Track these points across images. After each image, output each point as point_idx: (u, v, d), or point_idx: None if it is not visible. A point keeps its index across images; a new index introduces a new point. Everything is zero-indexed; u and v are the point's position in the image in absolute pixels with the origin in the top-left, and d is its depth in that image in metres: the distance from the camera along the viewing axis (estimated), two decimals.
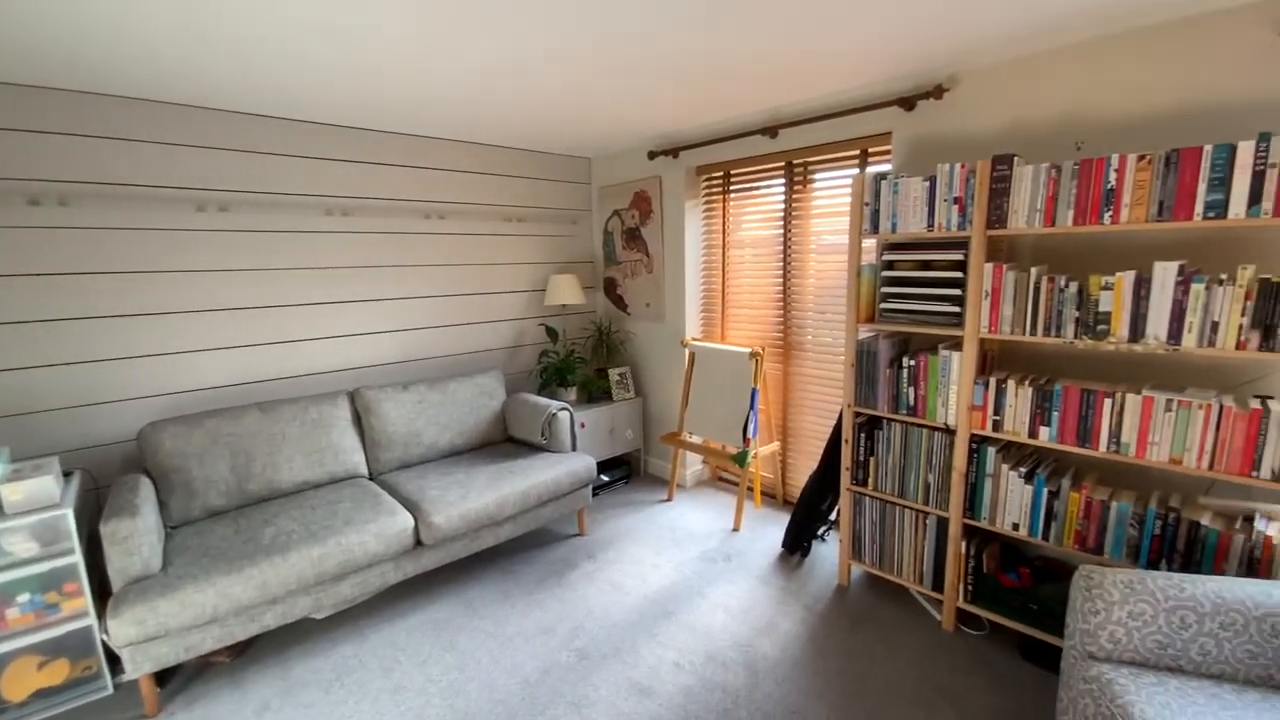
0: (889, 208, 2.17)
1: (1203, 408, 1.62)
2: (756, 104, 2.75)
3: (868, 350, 2.30)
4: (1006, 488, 2.02)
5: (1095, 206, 1.72)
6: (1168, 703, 1.33)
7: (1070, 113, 2.05)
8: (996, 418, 2.00)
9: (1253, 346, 1.53)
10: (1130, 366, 2.01)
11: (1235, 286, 1.53)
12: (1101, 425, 1.79)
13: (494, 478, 2.68)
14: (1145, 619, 1.46)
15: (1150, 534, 1.75)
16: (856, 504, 2.47)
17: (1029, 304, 1.88)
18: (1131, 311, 1.70)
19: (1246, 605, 1.42)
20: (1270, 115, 1.70)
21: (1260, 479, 1.56)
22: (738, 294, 3.43)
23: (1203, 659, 1.44)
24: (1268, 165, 1.47)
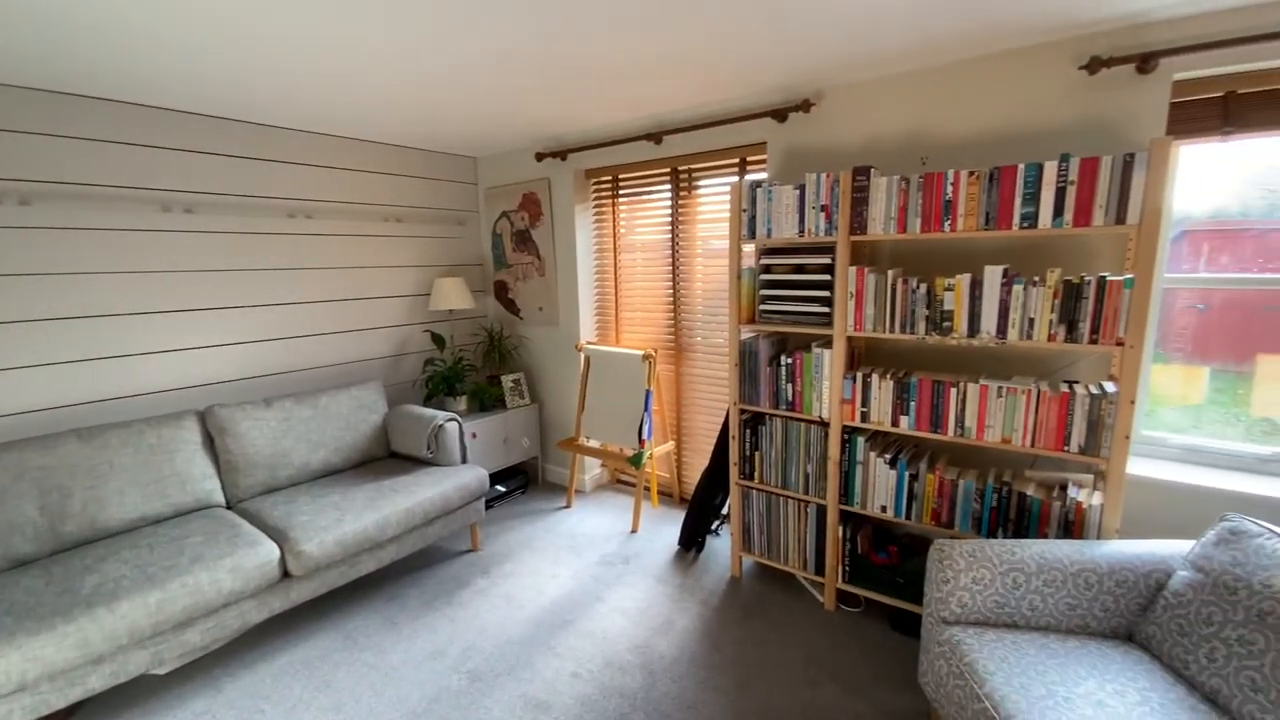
0: (764, 214, 2.28)
1: (1025, 393, 1.85)
2: (640, 110, 2.78)
3: (749, 350, 2.41)
4: (875, 473, 2.19)
5: (937, 216, 1.92)
6: (1005, 656, 1.50)
7: (917, 131, 2.27)
8: (864, 409, 2.17)
9: (1060, 339, 1.77)
10: (970, 358, 2.26)
11: (1045, 287, 1.77)
12: (949, 412, 1.99)
13: (374, 497, 2.50)
14: (985, 583, 1.64)
15: (989, 507, 1.97)
16: (745, 497, 2.57)
17: (888, 304, 2.06)
18: (969, 310, 1.90)
19: (1064, 563, 1.64)
20: (1071, 139, 1.99)
21: (1070, 453, 1.81)
22: (631, 297, 3.46)
23: (1032, 613, 1.64)
24: (1068, 182, 1.71)
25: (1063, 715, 1.30)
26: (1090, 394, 1.76)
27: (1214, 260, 2.02)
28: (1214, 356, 2.09)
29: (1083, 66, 1.89)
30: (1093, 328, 1.72)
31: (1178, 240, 2.05)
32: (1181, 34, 1.78)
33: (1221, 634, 1.39)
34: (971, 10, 1.72)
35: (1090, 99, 1.93)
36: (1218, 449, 2.03)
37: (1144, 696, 1.37)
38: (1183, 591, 1.51)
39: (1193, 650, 1.43)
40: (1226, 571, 1.45)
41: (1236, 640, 1.36)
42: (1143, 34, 1.83)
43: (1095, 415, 1.76)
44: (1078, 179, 1.69)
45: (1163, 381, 2.16)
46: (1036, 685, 1.40)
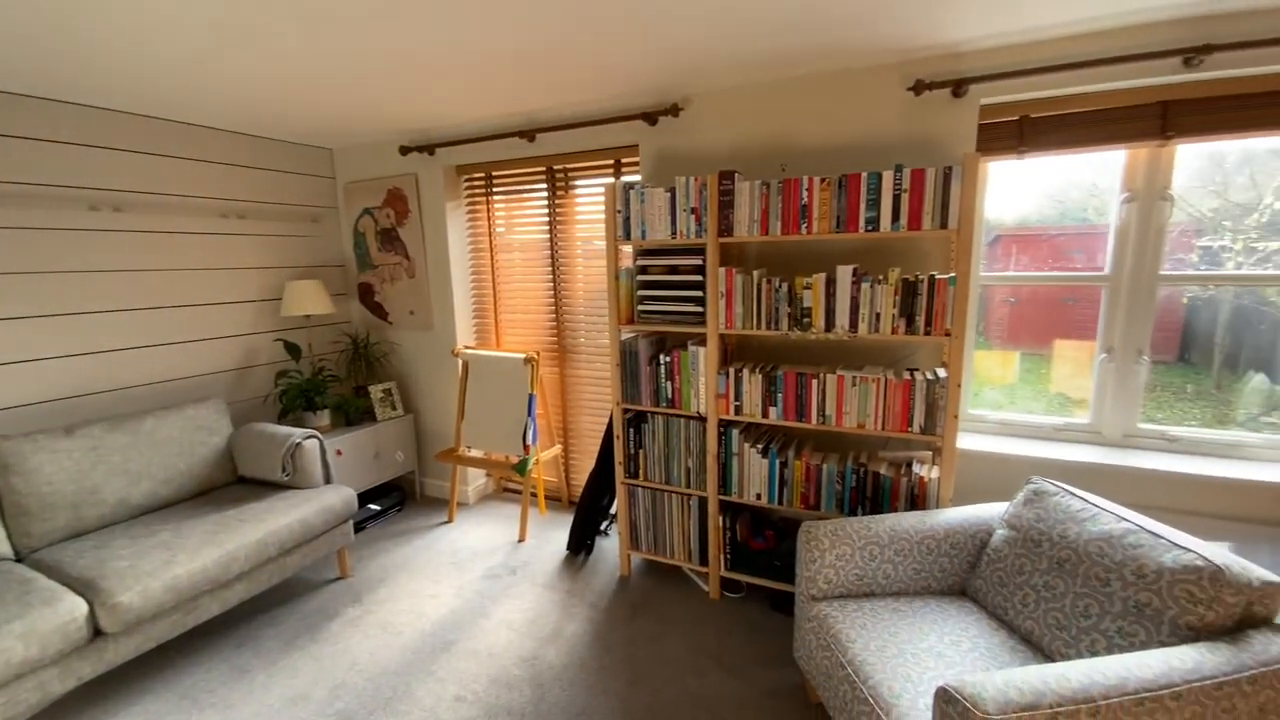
0: (638, 216, 2.31)
1: (875, 382, 2.04)
2: (510, 107, 2.70)
3: (630, 350, 2.43)
4: (749, 463, 2.30)
5: (795, 219, 2.05)
6: (864, 623, 1.64)
7: (778, 138, 2.41)
8: (737, 403, 2.27)
9: (902, 331, 1.97)
10: (828, 351, 2.44)
11: (887, 285, 1.95)
12: (812, 402, 2.14)
13: (217, 530, 2.20)
14: (846, 558, 1.78)
15: (849, 487, 2.15)
16: (631, 496, 2.59)
17: (755, 302, 2.17)
18: (825, 307, 2.06)
19: (910, 533, 1.82)
20: (904, 151, 2.21)
21: (913, 433, 2.02)
22: (510, 299, 3.35)
23: (886, 581, 1.80)
24: (902, 190, 1.90)
25: (910, 670, 1.45)
26: (927, 380, 1.97)
27: (1020, 260, 2.35)
28: (1023, 342, 2.44)
29: (910, 88, 2.11)
30: (926, 321, 1.93)
31: (993, 244, 2.37)
32: (986, 64, 2.04)
33: (1031, 581, 1.62)
34: (815, 31, 1.86)
35: (918, 117, 2.17)
36: (1025, 422, 2.37)
37: (974, 644, 1.55)
38: (1000, 548, 1.74)
39: (1010, 598, 1.65)
40: (1032, 527, 1.69)
41: (1043, 586, 1.59)
42: (956, 63, 2.08)
43: (931, 398, 1.97)
44: (910, 187, 1.89)
45: (986, 365, 2.48)
46: (890, 646, 1.54)
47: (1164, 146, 1.99)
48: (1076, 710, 1.09)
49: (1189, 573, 1.31)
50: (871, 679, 1.44)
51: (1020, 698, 1.10)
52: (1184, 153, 2.04)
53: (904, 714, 1.32)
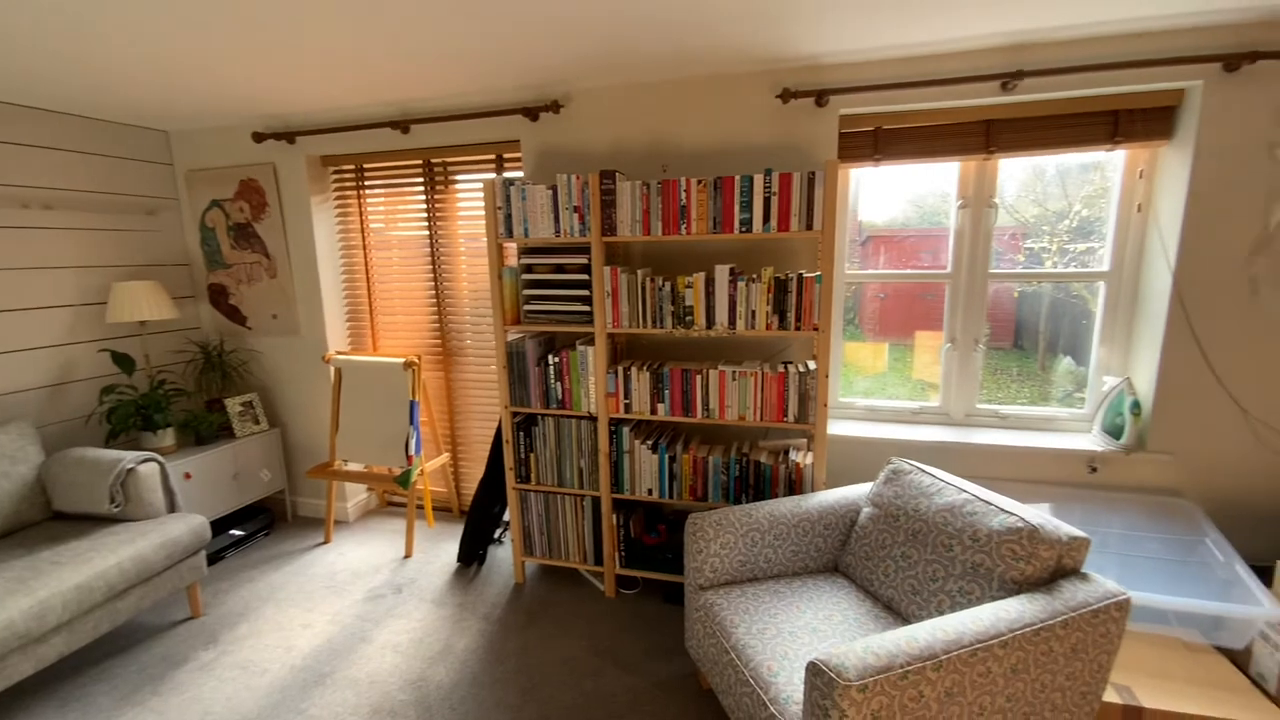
0: (520, 213, 2.25)
1: (753, 375, 2.13)
2: (383, 94, 2.53)
3: (517, 351, 2.36)
4: (640, 460, 2.32)
5: (675, 220, 2.09)
6: (747, 608, 1.71)
7: (658, 139, 2.45)
8: (627, 401, 2.29)
9: (775, 327, 2.08)
10: (711, 347, 2.53)
11: (761, 283, 2.05)
12: (697, 397, 2.20)
13: (25, 577, 1.86)
14: (731, 546, 1.85)
15: (734, 477, 2.24)
16: (523, 501, 2.53)
17: (640, 301, 2.19)
18: (706, 305, 2.12)
19: (787, 517, 1.93)
20: (776, 155, 2.33)
21: (789, 423, 2.14)
22: (388, 300, 3.15)
23: (768, 565, 1.90)
24: (772, 193, 2.00)
25: (788, 647, 1.53)
26: (799, 372, 2.10)
27: (888, 259, 2.57)
28: (891, 334, 2.68)
29: (778, 95, 2.23)
30: (797, 317, 2.05)
31: (865, 244, 2.57)
32: (843, 78, 2.21)
33: (892, 553, 1.77)
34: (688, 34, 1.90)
35: (787, 123, 2.30)
36: (888, 407, 2.60)
37: (845, 616, 1.67)
38: (866, 524, 1.89)
39: (874, 570, 1.79)
40: (891, 504, 1.85)
41: (900, 556, 1.74)
42: (818, 74, 2.23)
43: (804, 389, 2.10)
44: (778, 191, 1.99)
45: (860, 356, 2.70)
46: (770, 628, 1.61)
47: (988, 160, 2.26)
48: (923, 666, 1.20)
49: (1012, 533, 1.49)
50: (752, 661, 1.50)
51: (877, 662, 1.19)
52: (1012, 166, 2.33)
53: (781, 689, 1.39)
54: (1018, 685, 1.31)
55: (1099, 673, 1.41)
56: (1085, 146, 2.12)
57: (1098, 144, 2.11)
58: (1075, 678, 1.39)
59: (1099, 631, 1.38)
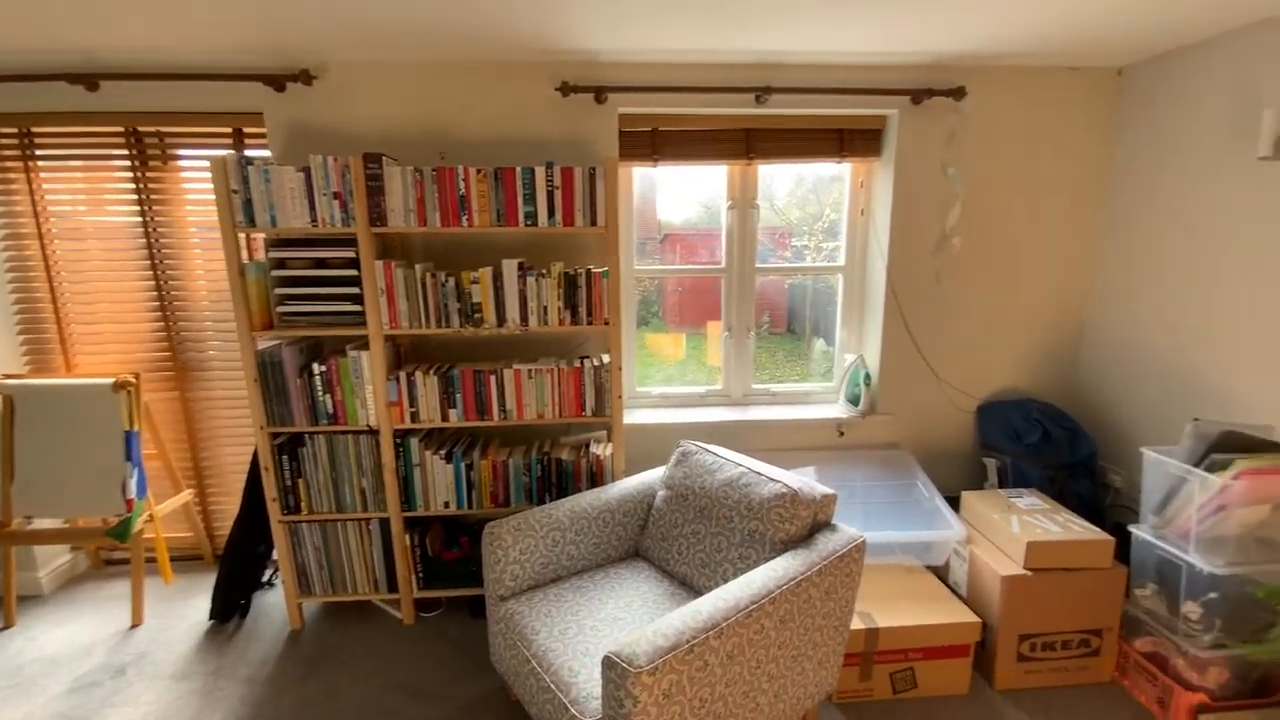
0: (264, 198, 1.91)
1: (549, 372, 2.10)
2: (56, 32, 1.93)
3: (271, 361, 2.01)
4: (433, 472, 2.14)
5: (455, 211, 1.96)
6: (549, 611, 1.67)
7: (436, 125, 2.27)
8: (413, 409, 2.09)
9: (568, 323, 2.06)
10: (506, 347, 2.44)
11: (551, 278, 2.02)
12: (492, 399, 2.10)
13: None
14: (531, 549, 1.80)
15: (536, 477, 2.18)
16: (294, 534, 2.17)
17: (421, 299, 2.00)
18: (495, 301, 2.02)
19: (588, 511, 1.93)
20: (560, 149, 2.31)
21: (587, 416, 2.15)
22: (87, 304, 2.46)
23: (571, 562, 1.88)
24: (554, 187, 1.97)
25: (589, 644, 1.52)
26: (594, 366, 2.12)
27: (683, 255, 2.72)
28: (689, 324, 2.84)
29: (558, 88, 2.21)
30: (588, 312, 2.06)
31: (664, 241, 2.69)
32: (622, 77, 2.26)
33: (683, 531, 1.87)
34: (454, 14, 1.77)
35: (569, 117, 2.29)
36: (680, 393, 2.77)
37: (645, 600, 1.73)
38: (661, 507, 1.98)
39: (669, 550, 1.88)
40: (681, 484, 1.96)
41: (691, 534, 1.85)
42: (595, 71, 2.25)
43: (599, 382, 2.12)
44: (561, 185, 1.97)
45: (662, 346, 2.83)
46: (572, 627, 1.60)
47: (750, 165, 2.51)
48: (706, 637, 1.28)
49: (779, 499, 1.67)
50: (553, 665, 1.47)
51: (665, 643, 1.24)
52: (780, 173, 2.63)
53: (581, 689, 1.38)
54: (786, 633, 1.48)
55: (847, 606, 1.66)
56: (822, 158, 2.47)
57: (830, 156, 2.47)
58: (830, 615, 1.61)
59: (845, 572, 1.61)
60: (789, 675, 1.53)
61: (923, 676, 1.89)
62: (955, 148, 2.40)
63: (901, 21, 1.87)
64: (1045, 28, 1.94)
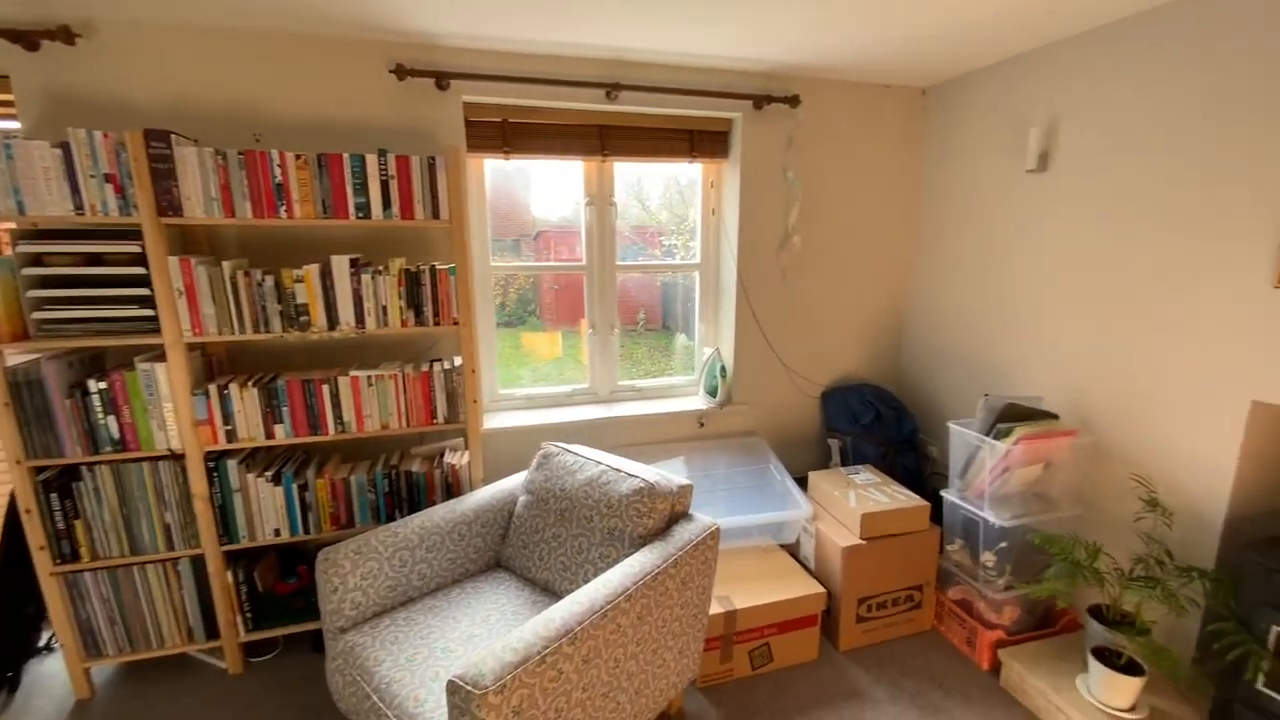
0: (7, 179, 1.55)
1: (392, 378, 1.93)
2: None
3: (29, 379, 1.64)
4: (258, 497, 1.89)
5: (269, 200, 1.73)
6: (396, 638, 1.53)
7: (249, 103, 1.99)
8: (228, 428, 1.82)
9: (411, 324, 1.92)
10: (344, 352, 2.22)
11: (390, 275, 1.86)
12: (326, 410, 1.89)
13: None
14: (375, 573, 1.64)
15: (383, 493, 2.01)
16: (73, 587, 1.80)
17: (231, 300, 1.75)
18: (325, 301, 1.82)
19: (441, 525, 1.80)
20: (397, 136, 2.13)
21: (438, 424, 2.01)
22: None
23: (422, 582, 1.75)
24: (389, 177, 1.81)
25: (439, 668, 1.42)
26: (444, 369, 1.98)
27: (558, 252, 2.64)
28: (564, 322, 2.76)
29: (392, 71, 2.04)
30: (434, 311, 1.93)
31: (537, 238, 2.60)
32: (465, 64, 2.14)
33: (544, 536, 1.81)
34: None
35: (407, 103, 2.12)
36: (547, 393, 2.70)
37: (503, 613, 1.65)
38: (521, 513, 1.90)
39: (530, 556, 1.82)
40: (542, 487, 1.90)
41: (552, 537, 1.80)
42: (435, 55, 2.11)
43: (451, 387, 2.00)
44: (398, 174, 1.82)
45: (539, 344, 2.74)
46: (421, 652, 1.48)
47: (605, 162, 2.51)
48: (559, 644, 1.24)
49: (637, 494, 1.68)
50: (397, 697, 1.34)
51: (515, 657, 1.18)
52: (650, 172, 2.65)
53: (427, 719, 1.28)
54: (644, 629, 1.48)
55: (704, 594, 1.71)
56: (674, 158, 2.53)
57: (682, 157, 2.54)
58: (688, 604, 1.64)
59: (700, 560, 1.65)
60: (650, 669, 1.54)
61: (778, 650, 2.00)
62: (793, 152, 2.58)
63: (739, 28, 1.96)
64: (861, 49, 2.14)
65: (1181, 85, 1.74)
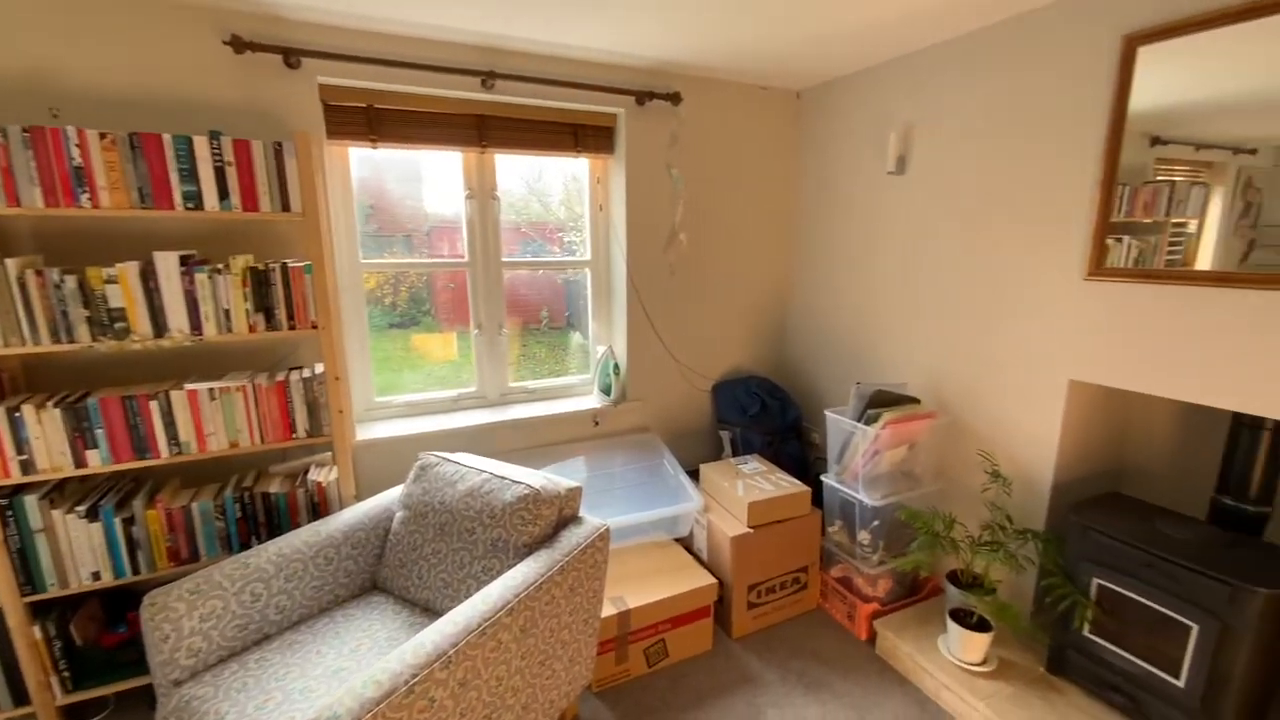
0: None
1: (240, 389, 1.72)
2: None
3: None
4: (69, 536, 1.60)
5: (66, 186, 1.46)
6: (245, 683, 1.36)
7: (43, 72, 1.68)
8: (23, 458, 1.53)
9: (261, 328, 1.71)
10: (180, 362, 1.93)
11: (232, 275, 1.65)
12: (156, 430, 1.64)
13: None
14: (220, 613, 1.45)
15: (234, 519, 1.78)
16: None
17: (19, 305, 1.47)
18: (148, 305, 1.58)
19: (303, 551, 1.63)
20: (235, 117, 1.89)
21: (300, 438, 1.82)
22: None
23: (281, 616, 1.57)
24: (225, 163, 1.60)
25: (296, 712, 1.27)
26: (303, 377, 1.79)
27: (451, 249, 2.48)
28: (460, 322, 2.59)
29: (227, 43, 1.80)
30: (289, 314, 1.74)
31: (430, 234, 2.44)
32: (320, 40, 1.94)
33: (424, 553, 1.69)
34: None
35: (248, 80, 1.89)
36: (430, 399, 2.54)
37: (376, 640, 1.52)
38: (399, 530, 1.77)
39: (409, 576, 1.69)
40: (420, 501, 1.77)
41: (432, 554, 1.68)
42: (281, 28, 1.90)
43: (312, 397, 1.81)
44: (236, 160, 1.61)
45: (433, 346, 2.57)
46: (276, 695, 1.32)
47: (485, 154, 2.39)
48: (430, 671, 1.15)
49: (521, 501, 1.61)
50: None
51: (378, 691, 1.08)
52: (550, 167, 2.56)
53: None
54: (530, 642, 1.42)
55: (595, 597, 1.67)
56: (558, 152, 2.47)
57: (566, 151, 2.48)
58: (578, 610, 1.60)
59: (589, 563, 1.62)
60: (538, 682, 1.48)
61: (673, 645, 2.01)
62: (677, 150, 2.60)
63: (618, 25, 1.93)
64: (737, 49, 2.19)
65: (1002, 96, 1.93)
